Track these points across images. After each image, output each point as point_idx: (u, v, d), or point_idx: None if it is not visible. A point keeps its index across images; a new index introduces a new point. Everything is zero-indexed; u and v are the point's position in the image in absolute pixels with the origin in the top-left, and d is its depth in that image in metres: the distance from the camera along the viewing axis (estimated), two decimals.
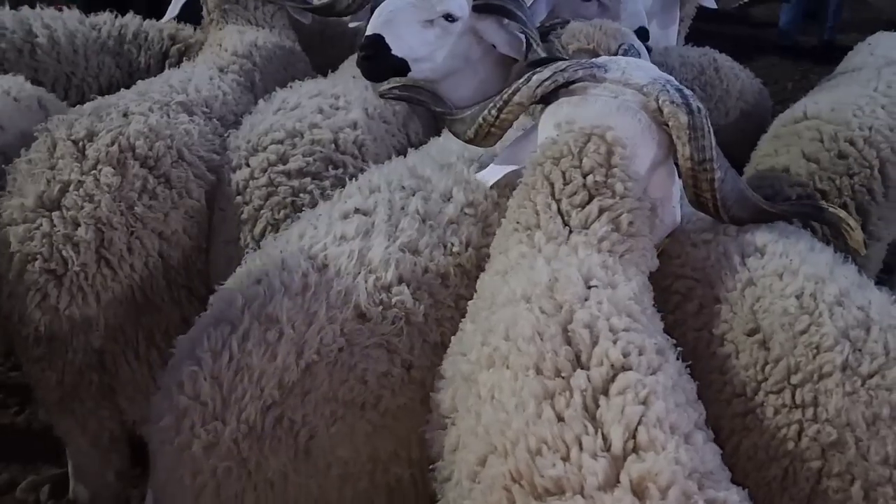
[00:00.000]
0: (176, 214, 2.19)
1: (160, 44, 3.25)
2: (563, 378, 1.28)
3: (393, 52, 2.34)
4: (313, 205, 2.14)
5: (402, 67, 2.38)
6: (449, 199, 1.94)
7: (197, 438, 1.55)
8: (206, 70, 2.78)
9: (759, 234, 1.75)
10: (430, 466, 1.52)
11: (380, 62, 2.35)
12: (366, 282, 1.72)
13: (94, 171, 2.08)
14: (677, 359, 1.44)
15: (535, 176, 1.64)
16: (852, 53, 3.30)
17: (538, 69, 1.74)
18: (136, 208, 2.10)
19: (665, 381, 1.30)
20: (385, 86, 2.12)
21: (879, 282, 1.84)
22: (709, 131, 1.60)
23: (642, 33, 2.62)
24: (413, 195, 1.94)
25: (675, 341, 1.49)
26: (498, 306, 1.49)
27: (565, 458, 1.16)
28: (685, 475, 1.13)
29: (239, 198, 2.24)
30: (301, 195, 2.22)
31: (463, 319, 1.65)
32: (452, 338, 1.64)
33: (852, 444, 1.45)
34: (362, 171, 2.20)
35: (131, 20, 3.26)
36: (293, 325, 1.63)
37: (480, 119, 1.80)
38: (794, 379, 1.53)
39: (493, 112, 1.77)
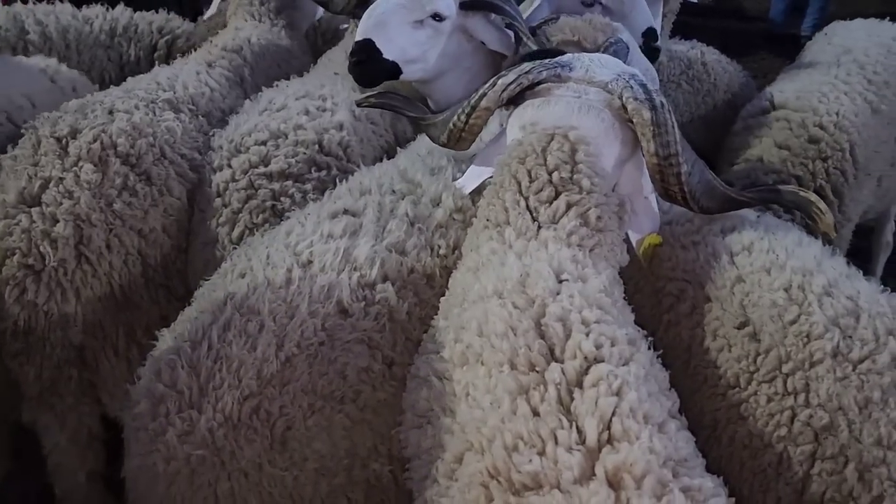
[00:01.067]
0: (156, 212, 2.19)
1: (150, 36, 3.27)
2: (537, 372, 1.28)
3: (384, 55, 2.31)
4: (294, 209, 2.13)
5: (394, 71, 2.35)
6: (438, 204, 1.95)
7: (172, 426, 1.55)
8: (195, 66, 2.78)
9: (745, 233, 1.77)
10: (406, 466, 1.52)
11: (372, 67, 2.31)
12: (350, 278, 1.72)
13: (74, 168, 2.08)
14: (649, 349, 1.44)
15: (502, 175, 1.65)
16: (811, 43, 3.36)
17: (503, 73, 1.74)
18: (115, 205, 2.10)
19: (637, 371, 1.31)
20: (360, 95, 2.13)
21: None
22: (673, 126, 1.61)
23: (651, 34, 2.62)
24: (403, 199, 1.94)
25: (646, 332, 1.50)
26: (470, 303, 1.49)
27: (541, 453, 1.17)
28: (660, 464, 1.13)
29: (219, 199, 2.24)
30: (282, 199, 2.22)
31: (435, 317, 1.64)
32: (424, 335, 1.63)
33: (845, 427, 1.48)
34: (346, 172, 2.20)
35: (122, 13, 3.28)
36: (274, 317, 1.64)
37: (451, 124, 1.81)
38: (786, 367, 1.56)
39: (462, 118, 1.78)
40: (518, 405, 1.24)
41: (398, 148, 2.32)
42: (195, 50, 3.06)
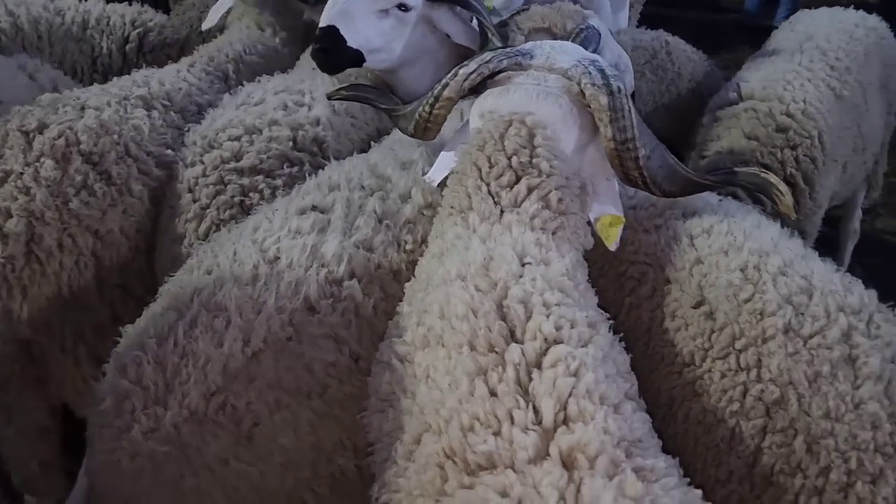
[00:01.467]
0: (114, 213, 2.16)
1: (122, 29, 3.22)
2: (496, 353, 1.29)
3: (348, 43, 2.32)
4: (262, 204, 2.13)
5: (357, 59, 2.36)
6: (407, 200, 1.95)
7: (137, 422, 1.55)
8: (177, 65, 2.77)
9: (706, 216, 1.81)
10: (368, 449, 1.52)
11: (335, 54, 2.33)
12: (317, 275, 1.73)
13: (36, 164, 2.05)
14: (610, 332, 1.46)
15: (463, 163, 1.66)
16: (776, 32, 3.38)
17: (465, 63, 1.75)
18: (71, 204, 2.06)
19: (595, 353, 1.31)
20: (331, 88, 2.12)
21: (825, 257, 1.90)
22: (629, 111, 1.62)
23: None
24: (372, 195, 1.94)
25: (608, 315, 1.52)
26: (433, 287, 1.50)
27: (497, 433, 1.17)
28: (613, 444, 1.14)
29: (188, 195, 2.22)
30: (251, 194, 2.21)
31: (400, 303, 1.65)
32: (389, 322, 1.64)
33: (794, 400, 1.50)
34: (320, 168, 2.18)
35: (94, 5, 3.23)
36: (241, 313, 1.63)
37: (416, 115, 1.83)
38: (738, 344, 1.59)
39: (427, 108, 1.79)
40: (476, 386, 1.24)
41: (372, 143, 2.32)
42: (168, 43, 3.06)
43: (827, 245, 3.77)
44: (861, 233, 3.87)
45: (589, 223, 1.70)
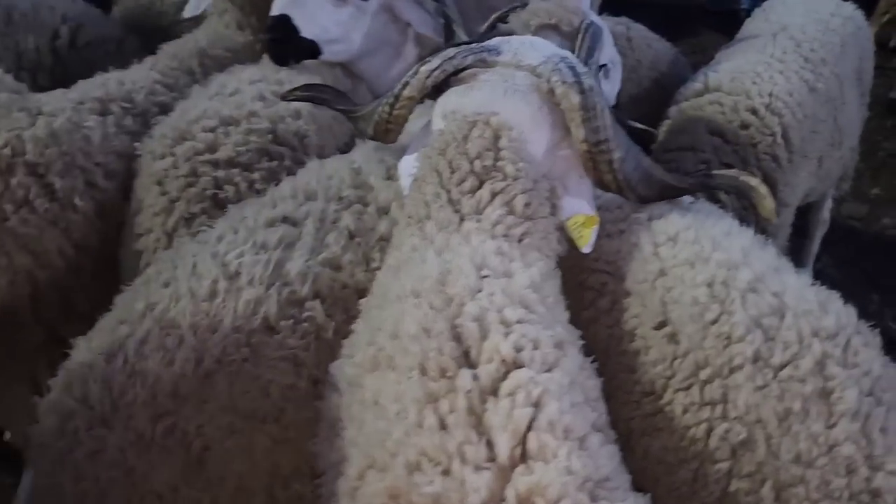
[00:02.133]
0: (52, 232, 2.03)
1: (51, 23, 3.01)
2: (448, 378, 1.16)
3: (302, 33, 2.21)
4: (237, 199, 2.02)
5: (312, 50, 2.26)
6: (384, 215, 1.83)
7: (80, 444, 1.48)
8: (140, 64, 2.59)
9: (672, 221, 1.66)
10: (316, 482, 1.42)
11: (288, 45, 2.22)
12: (279, 294, 1.63)
13: None
14: (580, 352, 1.34)
15: (423, 169, 1.56)
16: (749, 20, 3.28)
17: (427, 59, 1.65)
18: (10, 222, 1.94)
19: (561, 378, 1.19)
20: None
21: (794, 246, 1.79)
22: (603, 110, 1.53)
23: None
24: (349, 207, 1.82)
25: (580, 333, 1.40)
26: (388, 303, 1.38)
27: (447, 472, 1.06)
28: (576, 486, 1.03)
29: (157, 188, 2.09)
30: (226, 187, 2.08)
31: (357, 321, 1.55)
32: (344, 342, 1.53)
33: (763, 441, 1.37)
34: (301, 163, 2.08)
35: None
36: (195, 331, 1.55)
37: (376, 116, 1.72)
38: (703, 374, 1.44)
39: (387, 108, 1.69)
40: (425, 416, 1.12)
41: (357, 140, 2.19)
42: (105, 38, 2.88)
43: (796, 234, 3.77)
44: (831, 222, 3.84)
45: (562, 227, 1.60)
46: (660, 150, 2.53)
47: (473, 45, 1.68)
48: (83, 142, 2.12)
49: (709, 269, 1.53)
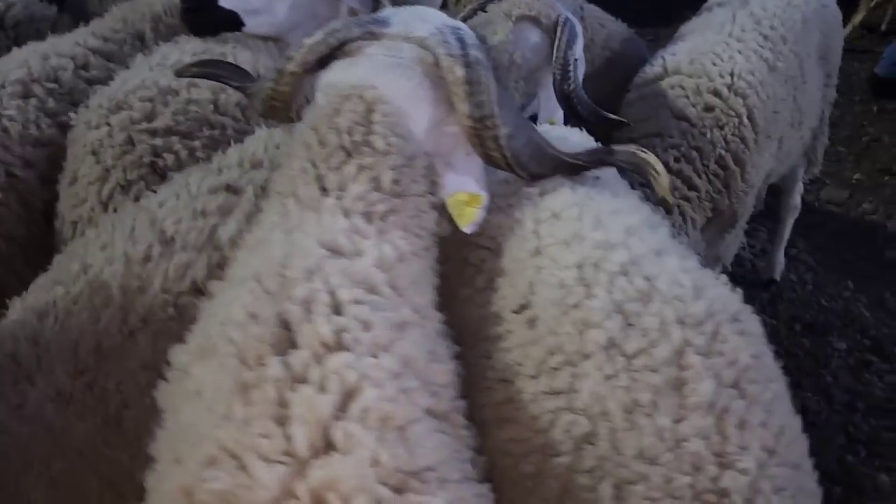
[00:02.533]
0: None
1: None
2: (263, 366, 1.08)
3: (221, 3, 2.14)
4: (178, 167, 1.98)
5: (233, 21, 2.18)
6: None
7: (4, 399, 1.50)
8: (77, 32, 2.51)
9: (562, 196, 1.55)
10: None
11: (206, 15, 2.15)
12: (209, 258, 1.63)
13: None
14: (439, 335, 1.27)
15: (293, 144, 1.48)
16: None
17: (313, 33, 1.57)
18: None
19: (391, 363, 1.10)
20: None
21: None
22: (489, 85, 1.45)
23: None
24: None
25: (440, 316, 1.32)
26: (232, 286, 1.29)
27: (242, 467, 0.97)
28: (379, 478, 0.95)
29: (91, 157, 2.06)
30: (165, 155, 2.04)
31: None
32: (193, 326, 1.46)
33: (606, 435, 1.24)
34: (245, 133, 2.03)
35: None
36: (125, 292, 1.58)
37: (262, 94, 1.64)
38: (553, 361, 1.33)
39: (271, 85, 1.61)
40: (233, 408, 1.04)
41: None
42: (36, 18, 2.80)
43: (770, 217, 3.68)
44: (806, 204, 3.75)
45: (442, 205, 1.52)
46: (626, 138, 2.42)
47: (362, 17, 1.61)
48: (2, 135, 2.09)
49: (583, 249, 1.44)
